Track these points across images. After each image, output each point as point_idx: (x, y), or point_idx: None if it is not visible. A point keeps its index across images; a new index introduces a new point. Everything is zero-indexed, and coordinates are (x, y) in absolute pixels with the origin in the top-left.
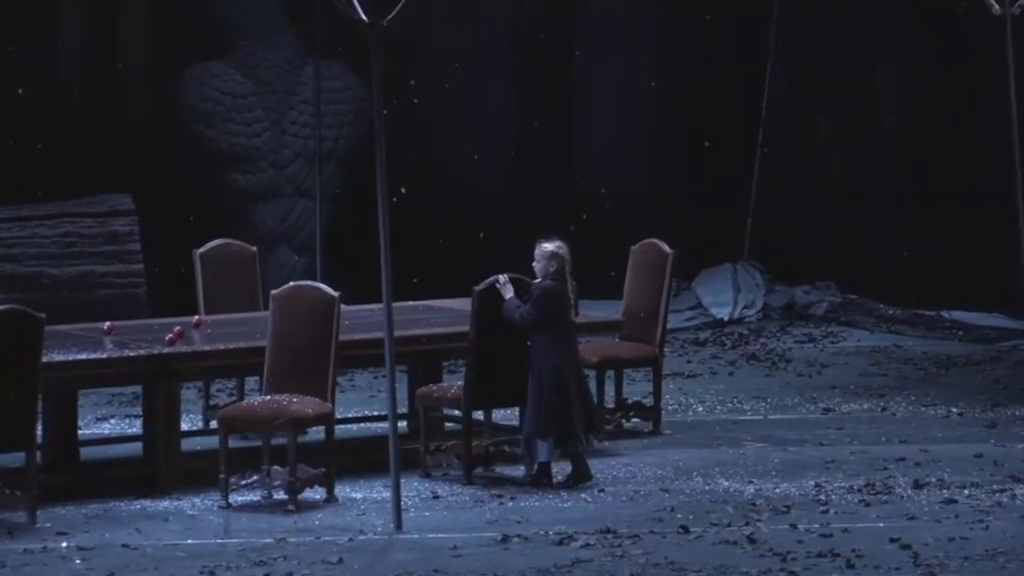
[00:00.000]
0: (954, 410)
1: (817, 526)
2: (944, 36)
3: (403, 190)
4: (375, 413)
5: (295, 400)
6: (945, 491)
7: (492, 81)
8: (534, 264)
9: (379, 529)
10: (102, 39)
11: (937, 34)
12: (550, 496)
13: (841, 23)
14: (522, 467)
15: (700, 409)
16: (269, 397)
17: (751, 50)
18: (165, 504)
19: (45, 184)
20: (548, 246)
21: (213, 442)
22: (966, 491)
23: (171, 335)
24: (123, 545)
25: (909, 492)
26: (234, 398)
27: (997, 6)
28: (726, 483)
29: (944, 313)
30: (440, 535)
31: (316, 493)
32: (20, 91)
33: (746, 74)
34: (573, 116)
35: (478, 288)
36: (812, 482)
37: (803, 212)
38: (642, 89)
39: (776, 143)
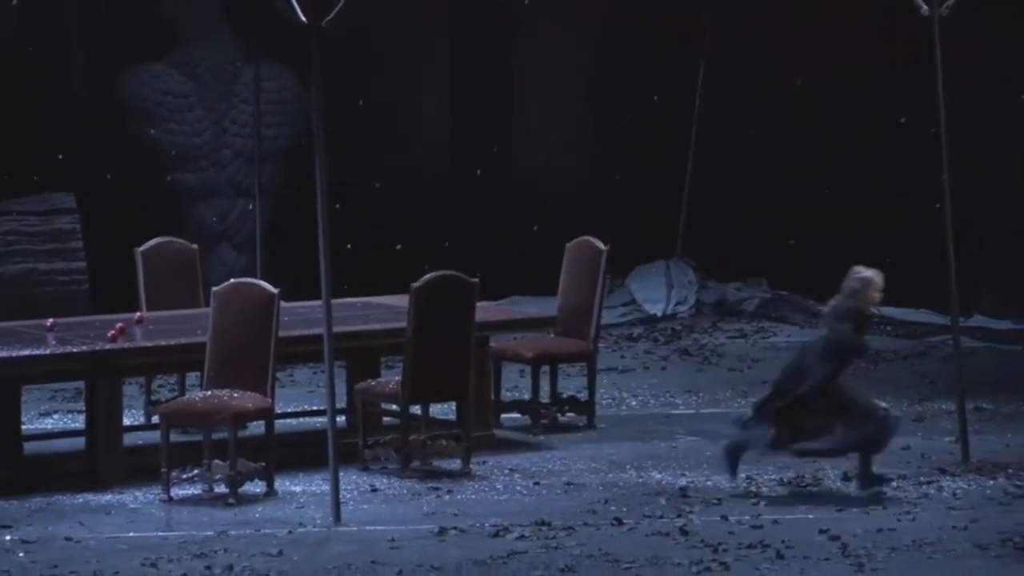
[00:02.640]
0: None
1: (748, 518)
2: (873, 39)
3: (337, 206)
4: (314, 408)
5: (235, 395)
6: (874, 482)
7: (430, 82)
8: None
9: (318, 522)
10: (43, 36)
11: (867, 38)
12: (485, 489)
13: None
14: (457, 460)
15: (633, 403)
16: (210, 392)
17: (685, 52)
18: (107, 498)
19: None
20: (867, 272)
21: (155, 437)
22: (894, 483)
23: (113, 332)
24: (66, 538)
25: (838, 484)
26: (175, 393)
27: (925, 7)
28: (659, 476)
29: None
30: (378, 527)
31: (256, 487)
32: None
33: (680, 77)
34: (510, 117)
35: (416, 285)
36: (743, 475)
37: (734, 210)
38: (579, 91)
39: (710, 142)
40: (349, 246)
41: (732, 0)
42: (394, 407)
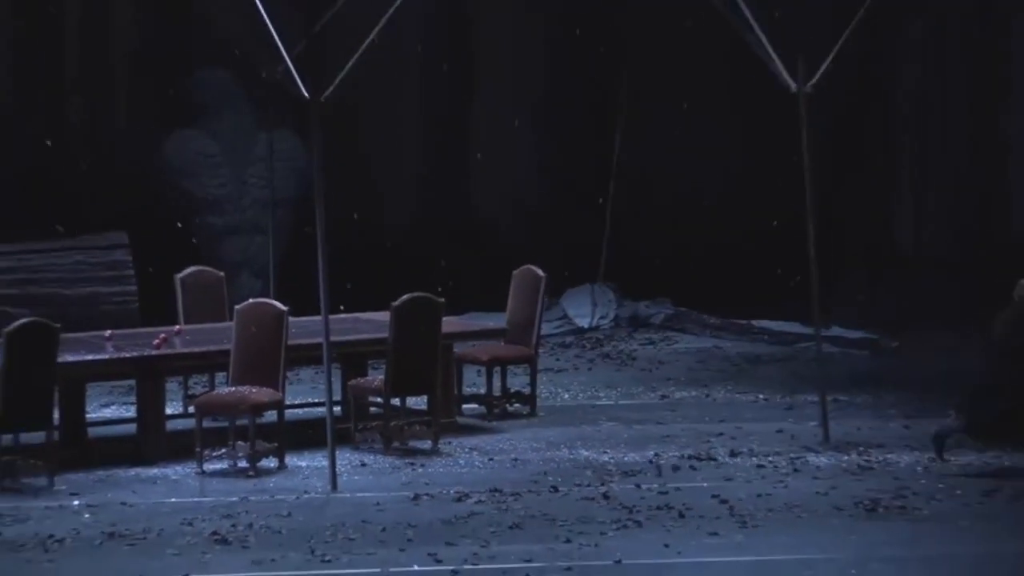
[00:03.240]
0: (761, 396)
1: (656, 486)
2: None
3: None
4: (316, 400)
5: (254, 391)
6: (754, 458)
7: (403, 134)
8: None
9: (319, 489)
10: (100, 109)
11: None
12: (450, 464)
13: (680, 77)
14: (428, 441)
15: (566, 396)
16: (234, 388)
17: (604, 106)
18: (153, 471)
19: (62, 223)
20: None
21: (190, 423)
22: (770, 458)
23: (158, 341)
24: (121, 503)
25: (727, 459)
26: (207, 389)
27: (793, 84)
28: (586, 453)
29: (753, 321)
30: (367, 494)
31: (271, 462)
32: (48, 143)
33: (601, 131)
34: (468, 163)
35: (395, 304)
36: (652, 451)
37: (645, 243)
38: (524, 145)
39: (625, 184)
40: (348, 285)
41: (646, 63)
42: (379, 399)
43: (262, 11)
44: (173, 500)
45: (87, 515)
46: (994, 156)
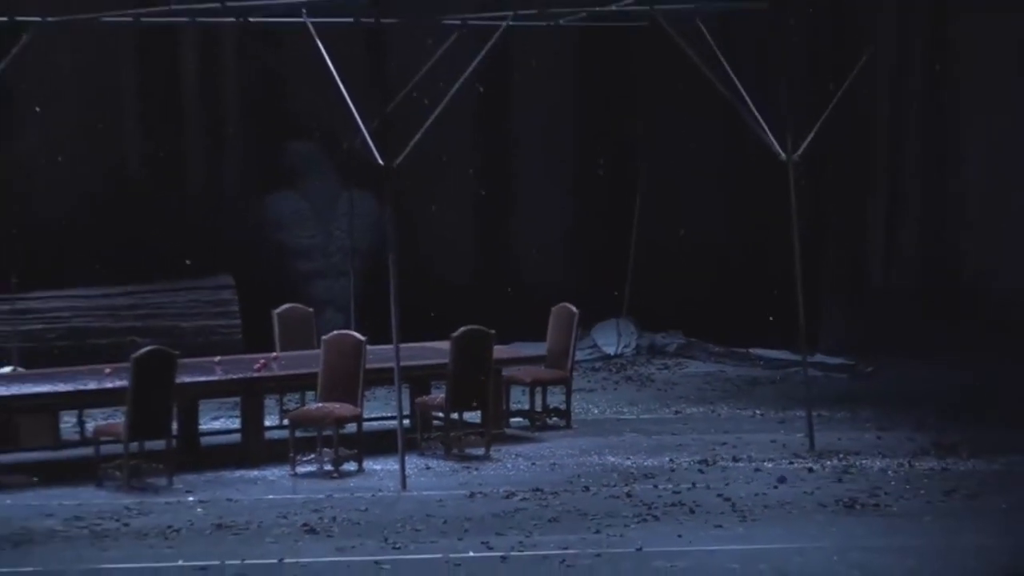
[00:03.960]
0: (757, 412)
1: (671, 486)
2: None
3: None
4: (389, 414)
5: (338, 406)
6: (752, 464)
7: (459, 194)
8: None
9: (391, 489)
10: (213, 174)
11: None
12: (499, 467)
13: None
14: (481, 448)
15: (596, 411)
16: (321, 404)
17: (626, 175)
18: (254, 473)
19: (179, 268)
20: None
21: (285, 433)
22: (766, 463)
23: (258, 365)
24: (228, 499)
25: (730, 464)
26: (299, 405)
27: (782, 152)
28: (612, 459)
29: (750, 350)
30: (430, 492)
31: (351, 466)
32: (184, 202)
33: (623, 194)
34: (510, 216)
35: (454, 335)
36: (667, 458)
37: (660, 285)
38: (559, 206)
39: (644, 237)
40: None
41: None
42: (440, 414)
43: (344, 93)
44: (271, 497)
45: (199, 509)
46: (952, 203)
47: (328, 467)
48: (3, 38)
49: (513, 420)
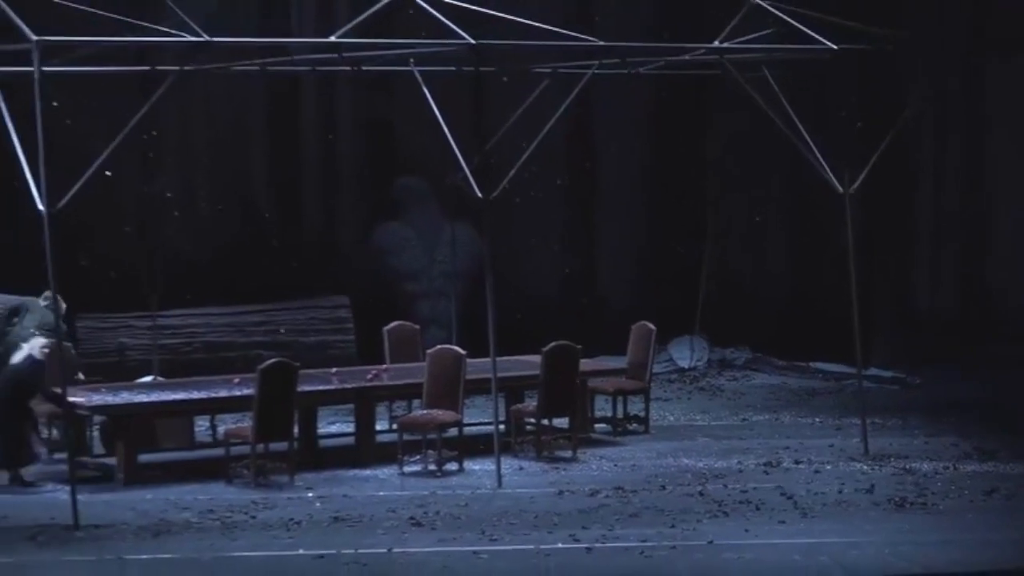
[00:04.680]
0: (817, 420)
1: (739, 485)
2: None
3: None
4: (486, 420)
5: (441, 413)
6: (813, 466)
7: (549, 223)
8: None
9: (488, 487)
10: (331, 207)
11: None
12: (585, 468)
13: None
14: (569, 451)
15: (671, 418)
16: (426, 411)
17: (699, 205)
18: (367, 472)
19: (302, 290)
20: None
21: (394, 436)
22: (826, 465)
23: (370, 376)
24: (343, 495)
25: (791, 465)
26: (406, 411)
27: (839, 187)
28: (687, 461)
29: (811, 364)
30: (523, 490)
31: (452, 466)
32: (305, 231)
33: (694, 223)
34: (593, 247)
35: (544, 349)
36: (736, 460)
37: (730, 305)
38: (641, 235)
39: (715, 263)
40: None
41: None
42: (532, 420)
43: (447, 133)
44: (381, 493)
45: (318, 504)
46: (987, 236)
47: (432, 467)
48: (145, 84)
49: (597, 426)
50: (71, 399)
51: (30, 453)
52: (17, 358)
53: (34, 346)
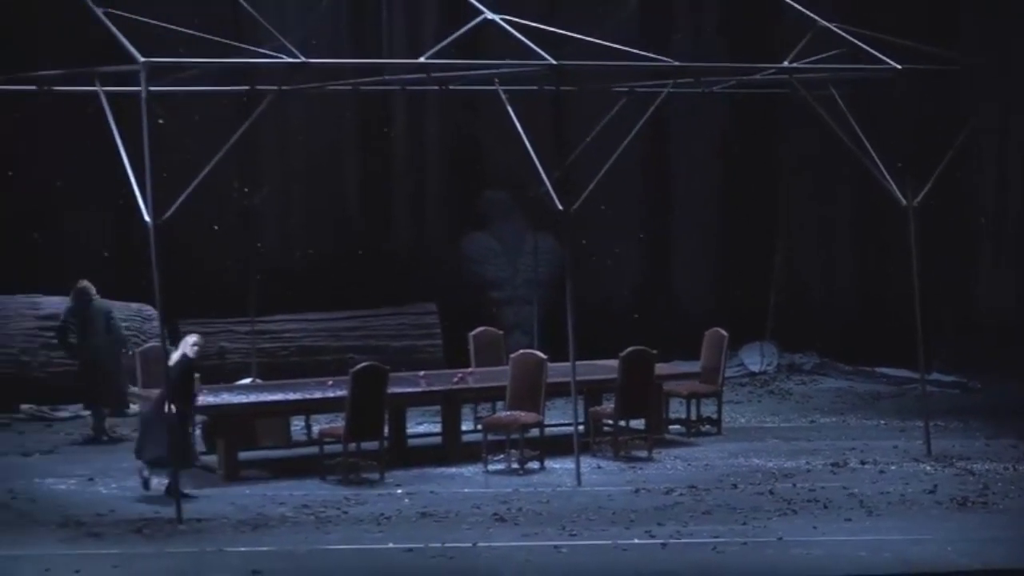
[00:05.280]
0: (882, 422)
1: (807, 484)
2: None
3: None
4: (566, 421)
5: (523, 414)
6: (878, 466)
7: (625, 234)
8: None
9: (568, 484)
10: (420, 219)
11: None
12: (660, 467)
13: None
14: (645, 451)
15: (742, 420)
16: (509, 412)
17: (769, 216)
18: (452, 470)
19: (392, 297)
20: None
21: (478, 436)
22: (890, 466)
23: (456, 379)
24: (431, 492)
25: (857, 466)
26: (491, 412)
27: (903, 199)
28: (757, 461)
29: (876, 368)
30: (601, 488)
31: (534, 465)
32: (395, 241)
33: (763, 235)
34: (668, 257)
35: (622, 354)
36: (804, 461)
37: (798, 313)
38: (711, 240)
39: (784, 272)
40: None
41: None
42: (610, 421)
43: (529, 149)
44: (466, 490)
45: (407, 500)
46: None
47: (515, 465)
48: (245, 103)
49: (672, 427)
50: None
51: (192, 454)
52: (173, 358)
53: (186, 343)
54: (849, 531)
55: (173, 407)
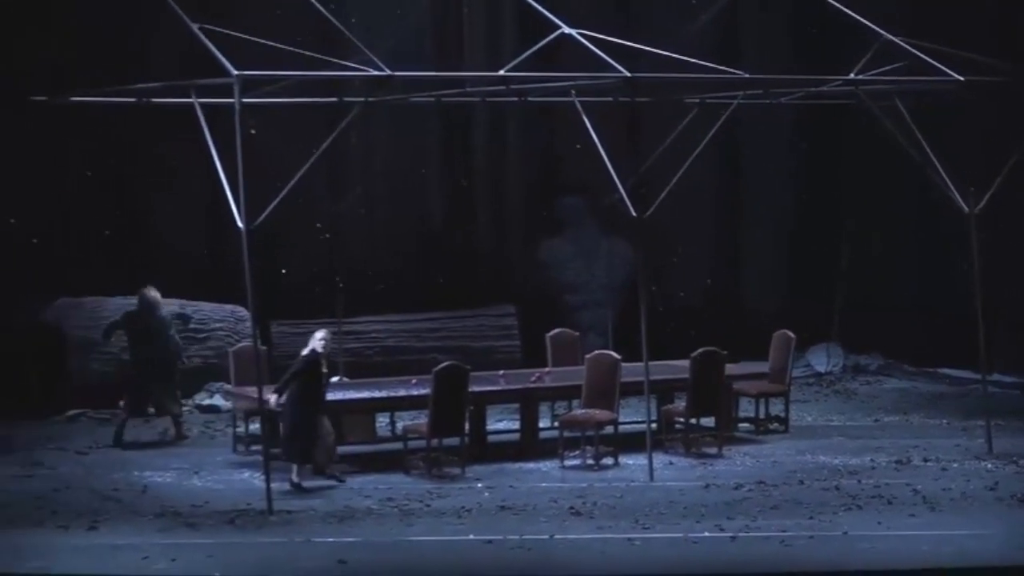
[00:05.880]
0: (944, 421)
1: (872, 481)
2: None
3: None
4: (639, 419)
5: (598, 412)
6: (940, 464)
7: (698, 240)
8: None
9: (641, 480)
10: (500, 226)
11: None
12: (730, 463)
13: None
14: (715, 448)
15: (809, 419)
16: (584, 410)
17: (835, 222)
18: (530, 465)
19: (473, 300)
20: None
21: (555, 433)
22: (952, 463)
23: (534, 378)
24: (509, 486)
25: (920, 463)
26: (567, 410)
27: (965, 207)
28: (823, 458)
29: (939, 369)
30: (673, 483)
31: (609, 461)
32: (475, 246)
33: (830, 242)
34: (738, 261)
35: (693, 355)
36: (868, 458)
37: (862, 316)
38: (778, 245)
39: (850, 275)
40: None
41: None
42: (681, 419)
43: (604, 157)
44: (544, 485)
45: (486, 493)
46: None
47: (590, 461)
48: (334, 113)
49: (741, 425)
50: (265, 397)
51: (312, 450)
52: (304, 352)
53: (315, 339)
54: (912, 526)
55: (282, 398)
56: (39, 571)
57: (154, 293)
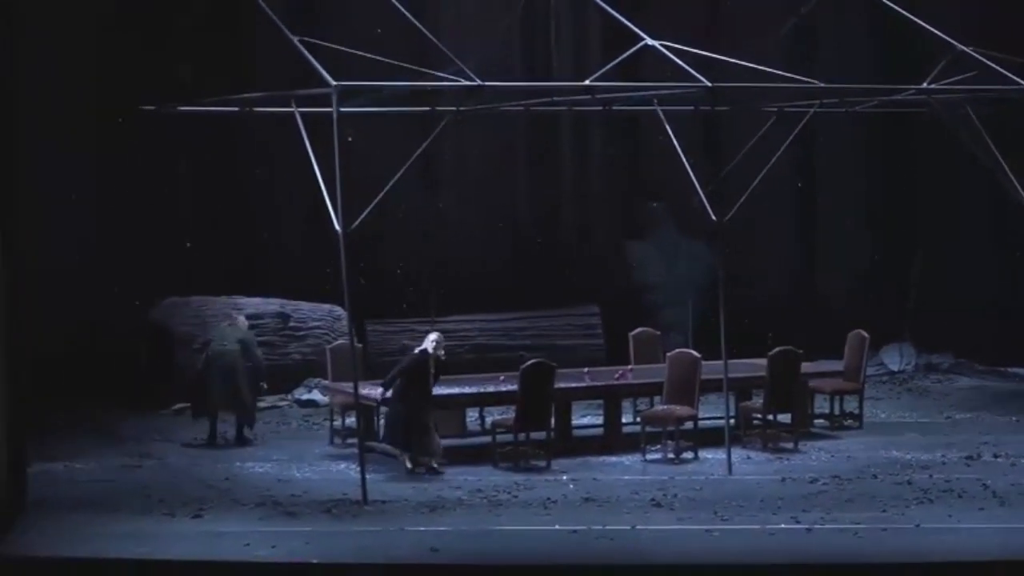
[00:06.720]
0: (1014, 419)
1: (943, 475)
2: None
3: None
4: (718, 415)
5: (678, 408)
6: (1010, 459)
7: (776, 239)
8: None
9: (719, 474)
10: (587, 227)
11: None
12: (804, 458)
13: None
14: (791, 443)
15: (882, 416)
16: (666, 406)
17: (910, 228)
18: (613, 459)
19: (559, 300)
20: None
21: (637, 428)
22: (1022, 459)
23: (618, 375)
24: (593, 478)
25: (990, 459)
26: (649, 406)
27: None
28: (896, 453)
29: (1010, 368)
30: (751, 477)
31: (689, 455)
32: (562, 248)
33: (908, 243)
34: (815, 264)
35: (770, 353)
36: (940, 454)
37: (935, 316)
38: (855, 249)
39: (922, 279)
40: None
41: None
42: (759, 416)
43: (685, 163)
44: (626, 478)
45: (571, 486)
46: None
47: (671, 455)
48: (427, 122)
49: (817, 421)
50: (362, 392)
51: (413, 442)
52: (416, 350)
53: (428, 339)
54: (982, 520)
55: (388, 392)
56: (146, 556)
57: (241, 319)
